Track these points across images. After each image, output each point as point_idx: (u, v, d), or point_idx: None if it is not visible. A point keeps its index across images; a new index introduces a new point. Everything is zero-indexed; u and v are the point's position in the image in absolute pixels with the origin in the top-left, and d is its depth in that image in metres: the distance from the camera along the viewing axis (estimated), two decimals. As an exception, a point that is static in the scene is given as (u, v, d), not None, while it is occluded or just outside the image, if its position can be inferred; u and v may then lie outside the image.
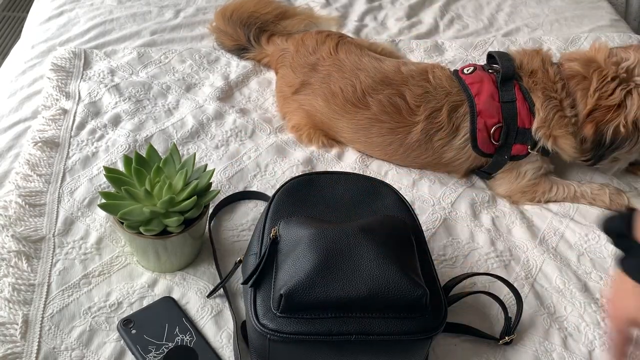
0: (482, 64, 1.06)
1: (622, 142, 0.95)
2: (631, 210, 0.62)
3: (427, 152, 1.02)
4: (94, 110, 1.11)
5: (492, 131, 0.98)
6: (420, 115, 1.00)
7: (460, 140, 1.00)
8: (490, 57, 1.05)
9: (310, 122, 1.08)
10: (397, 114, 1.00)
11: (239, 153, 1.06)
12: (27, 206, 0.91)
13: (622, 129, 0.94)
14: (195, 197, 0.78)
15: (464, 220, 0.97)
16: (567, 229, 0.97)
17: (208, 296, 0.82)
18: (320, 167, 1.05)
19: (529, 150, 0.99)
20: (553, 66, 1.00)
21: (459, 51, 1.33)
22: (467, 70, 1.03)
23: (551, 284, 0.88)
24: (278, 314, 0.68)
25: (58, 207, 0.93)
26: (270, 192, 0.95)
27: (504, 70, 0.99)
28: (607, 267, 0.91)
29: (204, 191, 0.82)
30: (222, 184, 1.00)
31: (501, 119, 0.98)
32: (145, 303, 0.81)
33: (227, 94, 1.19)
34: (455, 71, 1.05)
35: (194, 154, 0.84)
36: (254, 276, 0.71)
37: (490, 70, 1.03)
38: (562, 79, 0.98)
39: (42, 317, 0.79)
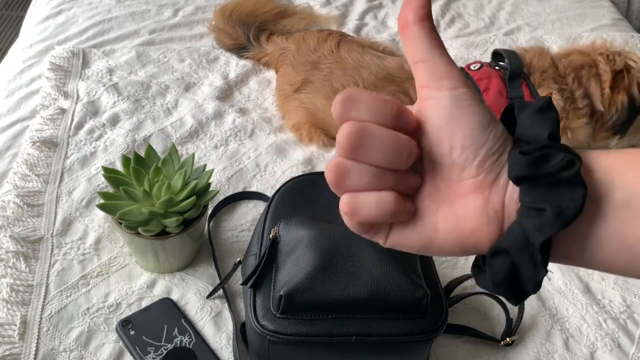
0: (487, 61, 1.06)
1: None
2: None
3: None
4: (93, 109, 1.11)
5: None
6: None
7: None
8: (496, 54, 1.05)
9: (311, 120, 1.08)
10: None
11: (238, 153, 1.05)
12: (25, 206, 0.91)
13: None
14: (194, 197, 0.78)
15: (465, 221, 0.96)
16: (569, 229, 0.96)
17: (207, 297, 0.82)
18: (321, 167, 1.04)
19: None
20: (560, 62, 1.02)
21: (460, 50, 1.33)
22: (474, 67, 1.03)
23: (553, 285, 0.87)
24: (278, 315, 0.67)
25: (56, 207, 0.92)
26: (270, 192, 0.94)
27: (512, 67, 1.00)
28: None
29: (203, 191, 0.81)
30: (221, 184, 0.99)
31: None
32: (144, 304, 0.81)
33: (226, 93, 1.18)
34: (462, 68, 1.05)
35: (193, 154, 0.83)
36: (254, 277, 0.71)
37: (497, 67, 1.03)
38: (572, 72, 1.00)
39: (41, 318, 0.78)
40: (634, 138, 1.04)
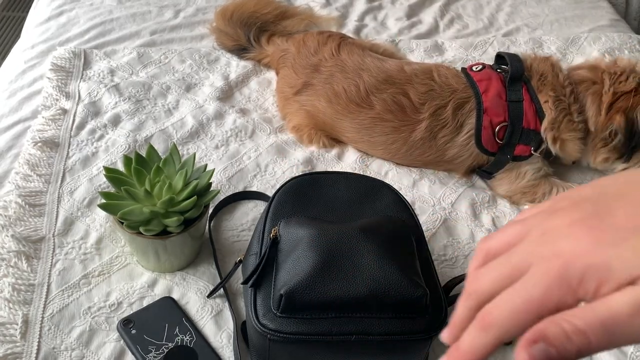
0: (491, 64, 1.06)
1: None
2: None
3: (430, 149, 1.02)
4: (94, 110, 1.11)
5: (496, 129, 0.98)
6: (424, 112, 1.00)
7: (463, 137, 1.00)
8: (500, 57, 1.05)
9: (311, 122, 1.08)
10: (401, 113, 1.00)
11: (239, 153, 1.06)
12: (27, 206, 0.91)
13: None
14: (195, 197, 0.78)
15: (465, 221, 0.97)
16: (567, 229, 0.96)
17: (208, 296, 0.82)
18: (320, 167, 1.05)
19: (532, 152, 0.99)
20: (562, 72, 1.01)
21: (459, 51, 1.33)
22: (476, 68, 1.03)
23: (551, 284, 0.88)
24: (278, 314, 0.68)
25: (58, 207, 0.93)
26: (270, 192, 0.95)
27: (512, 70, 1.00)
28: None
29: (203, 191, 0.82)
30: (222, 184, 0.99)
31: (507, 118, 0.98)
32: (145, 303, 0.81)
33: (227, 94, 1.19)
34: (464, 68, 1.05)
35: (194, 154, 0.84)
36: (254, 276, 0.71)
37: (498, 70, 1.03)
38: (571, 84, 0.99)
39: (42, 317, 0.78)
40: None
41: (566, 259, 0.28)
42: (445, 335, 0.32)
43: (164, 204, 0.77)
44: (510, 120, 0.98)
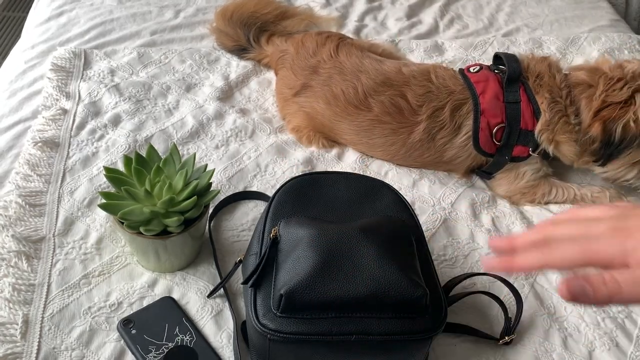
0: (489, 64, 1.06)
1: (632, 140, 0.93)
2: None
3: (429, 151, 1.02)
4: (94, 110, 1.12)
5: (494, 131, 0.98)
6: (422, 114, 1.00)
7: (461, 139, 1.00)
8: (497, 58, 1.05)
9: (310, 124, 1.08)
10: (399, 115, 1.00)
11: (239, 153, 1.06)
12: (27, 206, 0.91)
13: (632, 125, 0.92)
14: (196, 197, 0.78)
15: (464, 221, 0.97)
16: (567, 229, 0.97)
17: (208, 296, 0.82)
18: (321, 167, 1.05)
19: (530, 153, 0.99)
20: (560, 73, 1.00)
21: (459, 51, 1.33)
22: (473, 69, 1.03)
23: (551, 284, 0.88)
24: (278, 314, 0.68)
25: (58, 207, 0.93)
26: (270, 192, 0.95)
27: (510, 71, 0.99)
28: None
29: (204, 191, 0.82)
30: (222, 184, 1.00)
31: (504, 119, 0.98)
32: (145, 303, 0.81)
33: (227, 94, 1.19)
34: (461, 70, 1.05)
35: (194, 154, 0.84)
36: (254, 276, 0.71)
37: (496, 71, 1.03)
38: (568, 86, 0.98)
39: (42, 317, 0.79)
40: (619, 173, 0.99)
41: (629, 238, 0.39)
42: (493, 241, 0.44)
43: (164, 204, 0.77)
44: (508, 122, 0.98)
